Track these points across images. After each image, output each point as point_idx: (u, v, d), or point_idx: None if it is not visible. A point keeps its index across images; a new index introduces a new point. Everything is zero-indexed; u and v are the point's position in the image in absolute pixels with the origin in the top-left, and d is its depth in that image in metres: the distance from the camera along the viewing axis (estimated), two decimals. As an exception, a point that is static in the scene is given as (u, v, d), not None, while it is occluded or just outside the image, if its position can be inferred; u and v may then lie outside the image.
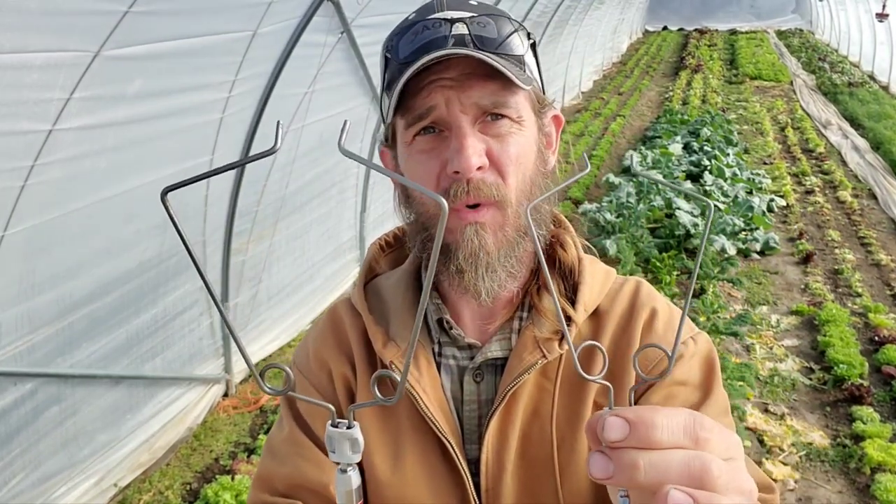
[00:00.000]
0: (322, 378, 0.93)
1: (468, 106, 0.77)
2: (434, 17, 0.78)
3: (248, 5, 2.72)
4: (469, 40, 0.76)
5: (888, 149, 8.64)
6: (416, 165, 0.80)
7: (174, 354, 3.34)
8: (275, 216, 3.86)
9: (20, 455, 2.57)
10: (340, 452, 0.50)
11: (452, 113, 0.76)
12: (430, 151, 0.79)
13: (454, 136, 0.77)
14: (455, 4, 0.80)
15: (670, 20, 24.69)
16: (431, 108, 0.77)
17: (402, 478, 0.86)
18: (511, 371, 0.83)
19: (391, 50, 0.80)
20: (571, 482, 0.83)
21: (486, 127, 0.78)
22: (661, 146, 8.72)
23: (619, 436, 0.45)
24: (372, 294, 0.94)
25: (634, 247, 5.61)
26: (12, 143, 2.06)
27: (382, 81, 0.83)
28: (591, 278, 0.88)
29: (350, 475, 0.51)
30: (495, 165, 0.78)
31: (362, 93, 4.29)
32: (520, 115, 0.79)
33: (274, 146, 0.43)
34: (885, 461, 3.30)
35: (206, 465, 3.39)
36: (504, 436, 0.84)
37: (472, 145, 0.76)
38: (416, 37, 0.77)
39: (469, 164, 0.75)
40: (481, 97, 0.76)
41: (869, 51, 14.73)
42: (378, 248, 1.00)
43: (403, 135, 0.81)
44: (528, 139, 0.81)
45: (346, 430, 0.49)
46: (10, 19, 1.80)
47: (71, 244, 2.51)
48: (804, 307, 4.98)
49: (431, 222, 0.82)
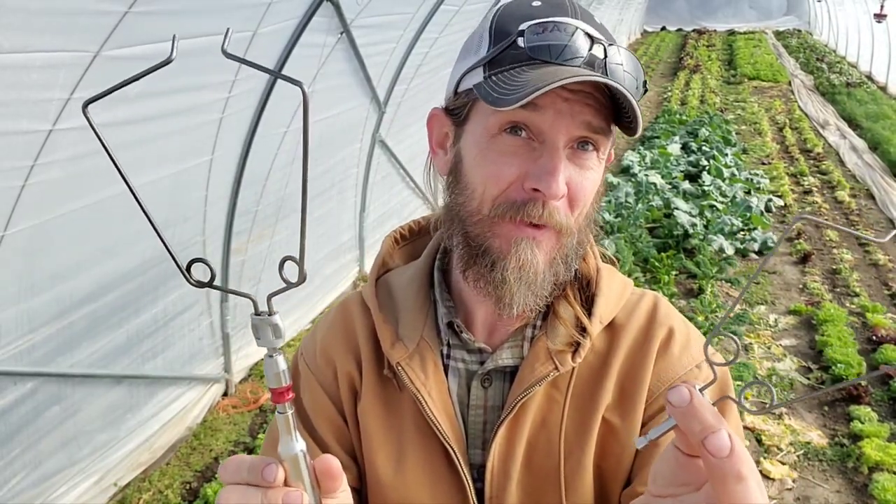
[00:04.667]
0: (328, 375, 0.92)
1: (577, 125, 0.73)
2: (567, 21, 0.74)
3: (248, 5, 2.72)
4: (600, 65, 0.73)
5: (886, 149, 8.65)
6: (490, 164, 0.76)
7: (175, 354, 3.34)
8: (275, 216, 3.86)
9: (20, 455, 2.57)
10: (265, 338, 0.55)
11: (557, 127, 0.73)
12: (511, 156, 0.75)
13: (547, 153, 0.73)
14: (586, 17, 0.77)
15: (669, 21, 24.70)
16: (539, 111, 0.72)
17: (404, 480, 0.86)
18: (522, 381, 0.82)
19: (513, 30, 0.74)
20: (576, 494, 0.83)
21: (575, 155, 0.75)
22: (659, 146, 8.73)
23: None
24: (383, 290, 0.92)
25: (633, 247, 5.62)
26: (12, 143, 2.06)
27: (488, 54, 0.75)
28: (609, 290, 0.87)
29: (276, 358, 0.55)
30: (570, 197, 0.76)
31: (362, 93, 4.29)
32: (605, 151, 0.78)
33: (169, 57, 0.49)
34: (883, 460, 3.31)
35: (206, 465, 3.40)
36: (511, 445, 0.83)
37: (564, 171, 0.73)
38: (547, 33, 0.73)
39: (556, 191, 0.72)
40: (594, 118, 0.73)
41: (867, 51, 14.75)
42: (392, 242, 0.97)
43: (488, 119, 0.76)
44: (600, 174, 0.79)
45: (268, 318, 0.55)
46: (11, 19, 1.81)
47: (71, 244, 2.51)
48: (802, 307, 4.99)
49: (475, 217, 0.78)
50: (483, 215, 0.77)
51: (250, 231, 3.67)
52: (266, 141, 3.41)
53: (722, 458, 0.47)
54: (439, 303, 0.89)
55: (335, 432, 0.91)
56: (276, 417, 0.57)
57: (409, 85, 4.86)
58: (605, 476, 0.85)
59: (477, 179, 0.77)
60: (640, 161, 8.11)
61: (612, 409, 0.84)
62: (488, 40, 0.77)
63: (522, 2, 0.78)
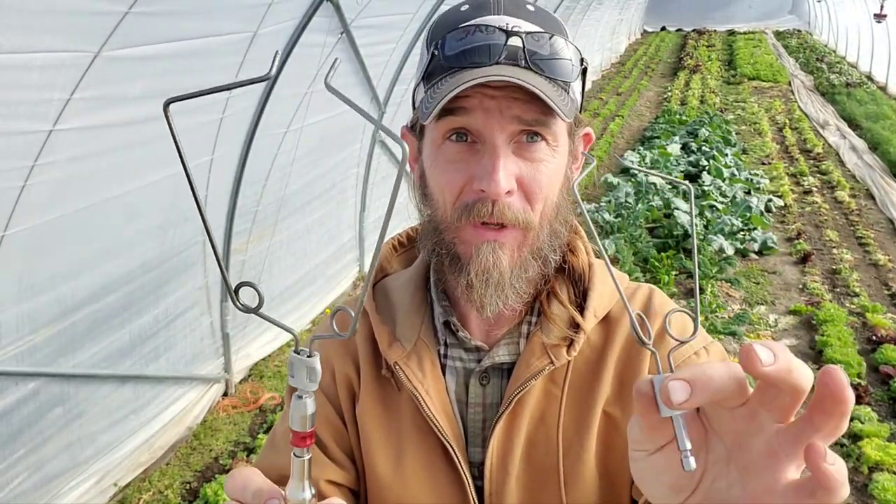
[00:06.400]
0: (325, 377, 0.92)
1: (508, 120, 0.73)
2: (489, 21, 0.75)
3: (248, 6, 2.73)
4: (521, 56, 0.73)
5: (886, 149, 8.66)
6: (440, 173, 0.78)
7: (177, 355, 3.35)
8: (275, 216, 3.86)
9: (24, 456, 2.57)
10: (299, 379, 0.52)
11: (489, 126, 0.74)
12: (458, 162, 0.76)
13: (487, 153, 0.74)
14: (512, 8, 0.77)
15: (669, 21, 24.71)
16: (469, 114, 0.74)
17: (403, 479, 0.86)
18: (518, 377, 0.82)
19: (437, 43, 0.76)
20: (576, 489, 0.83)
21: (521, 149, 0.75)
22: (659, 146, 8.73)
23: (684, 396, 0.45)
24: (380, 294, 0.94)
25: (633, 247, 5.62)
26: (12, 143, 2.06)
27: (423, 68, 0.79)
28: (602, 284, 0.87)
29: (306, 401, 0.53)
30: (524, 191, 0.76)
31: (362, 93, 4.30)
32: (556, 139, 0.77)
33: (269, 73, 0.46)
34: (883, 460, 3.31)
35: (206, 465, 3.40)
36: (510, 441, 0.83)
37: (504, 168, 0.73)
38: (467, 37, 0.74)
39: (498, 190, 0.73)
40: (524, 111, 0.73)
41: (867, 51, 14.75)
42: (391, 248, 0.99)
43: (433, 131, 0.78)
44: (559, 165, 0.79)
45: (307, 359, 0.52)
46: (11, 19, 1.81)
47: (71, 244, 2.51)
48: (802, 307, 4.99)
49: (443, 226, 0.81)
50: (448, 223, 0.79)
51: (250, 231, 3.67)
52: (266, 141, 3.41)
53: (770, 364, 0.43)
54: (435, 303, 0.89)
55: (333, 433, 0.91)
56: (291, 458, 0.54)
57: (409, 85, 4.85)
58: (612, 472, 0.84)
59: (437, 189, 0.80)
60: (640, 161, 8.11)
61: (612, 402, 0.84)
62: (426, 54, 0.79)
63: (453, 9, 0.79)
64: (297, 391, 0.53)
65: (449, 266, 0.81)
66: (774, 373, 0.43)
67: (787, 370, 0.44)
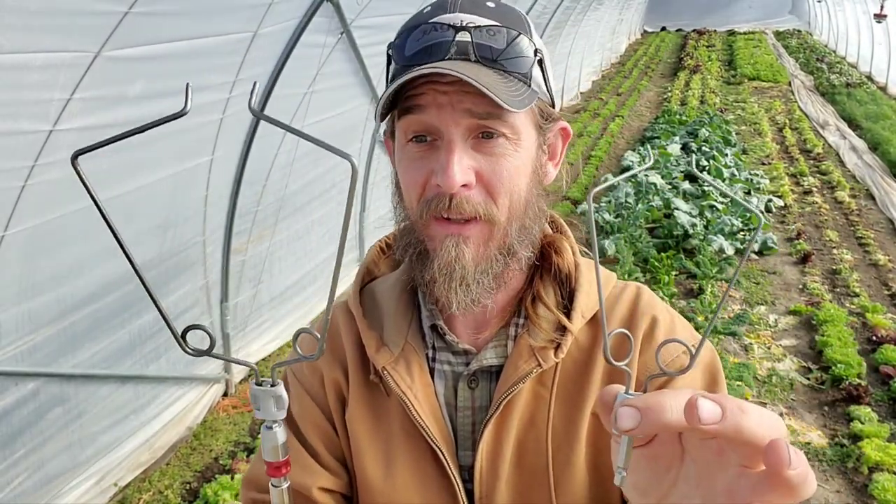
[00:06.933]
0: (314, 383, 0.92)
1: (460, 114, 0.74)
2: (444, 19, 0.76)
3: (248, 6, 2.73)
4: (471, 50, 0.74)
5: (886, 149, 8.66)
6: (404, 172, 0.80)
7: (177, 355, 3.35)
8: (275, 216, 3.86)
9: (24, 456, 2.57)
10: (266, 409, 0.52)
11: (444, 121, 0.74)
12: (419, 160, 0.77)
13: (443, 150, 0.75)
14: (469, 6, 0.78)
15: (669, 21, 24.72)
16: (424, 111, 0.75)
17: (393, 484, 0.86)
18: (506, 379, 0.82)
19: (396, 47, 0.78)
20: (566, 491, 0.83)
21: (480, 145, 0.76)
22: (659, 146, 8.73)
23: (632, 424, 0.46)
24: (368, 298, 0.93)
25: (633, 247, 5.62)
26: (12, 143, 2.06)
27: (387, 74, 0.81)
28: (589, 284, 0.87)
29: (276, 431, 0.52)
30: (484, 185, 0.76)
31: (362, 93, 4.29)
32: (516, 133, 0.77)
33: (183, 108, 0.45)
34: (883, 461, 3.31)
35: (206, 465, 3.40)
36: (499, 444, 0.83)
37: (459, 162, 0.74)
38: (423, 36, 0.75)
39: (452, 183, 0.73)
40: (475, 104, 0.73)
41: (867, 51, 14.75)
42: (378, 251, 0.99)
43: (399, 134, 0.80)
44: (524, 158, 0.78)
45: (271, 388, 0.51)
46: (11, 19, 1.81)
47: (71, 244, 2.51)
48: (802, 307, 4.99)
49: (412, 224, 0.81)
50: (415, 220, 0.80)
51: (250, 231, 3.67)
52: (266, 141, 3.41)
53: (714, 422, 0.43)
54: (423, 306, 0.89)
55: (323, 439, 0.91)
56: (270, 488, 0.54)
57: (409, 85, 4.86)
58: (604, 474, 0.84)
59: (404, 189, 0.81)
60: (639, 161, 8.11)
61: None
62: (386, 61, 0.81)
63: (414, 16, 0.80)
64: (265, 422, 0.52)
65: (417, 262, 0.81)
66: (716, 431, 0.44)
67: (734, 430, 0.44)
